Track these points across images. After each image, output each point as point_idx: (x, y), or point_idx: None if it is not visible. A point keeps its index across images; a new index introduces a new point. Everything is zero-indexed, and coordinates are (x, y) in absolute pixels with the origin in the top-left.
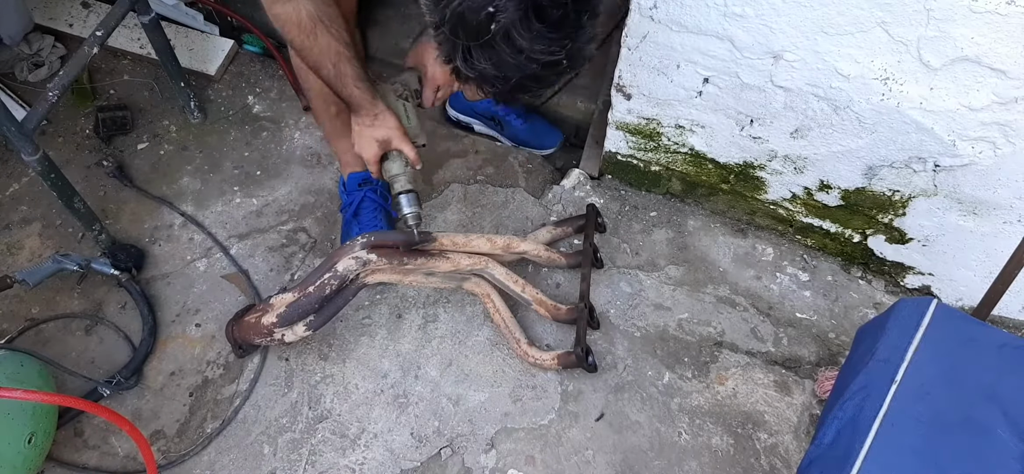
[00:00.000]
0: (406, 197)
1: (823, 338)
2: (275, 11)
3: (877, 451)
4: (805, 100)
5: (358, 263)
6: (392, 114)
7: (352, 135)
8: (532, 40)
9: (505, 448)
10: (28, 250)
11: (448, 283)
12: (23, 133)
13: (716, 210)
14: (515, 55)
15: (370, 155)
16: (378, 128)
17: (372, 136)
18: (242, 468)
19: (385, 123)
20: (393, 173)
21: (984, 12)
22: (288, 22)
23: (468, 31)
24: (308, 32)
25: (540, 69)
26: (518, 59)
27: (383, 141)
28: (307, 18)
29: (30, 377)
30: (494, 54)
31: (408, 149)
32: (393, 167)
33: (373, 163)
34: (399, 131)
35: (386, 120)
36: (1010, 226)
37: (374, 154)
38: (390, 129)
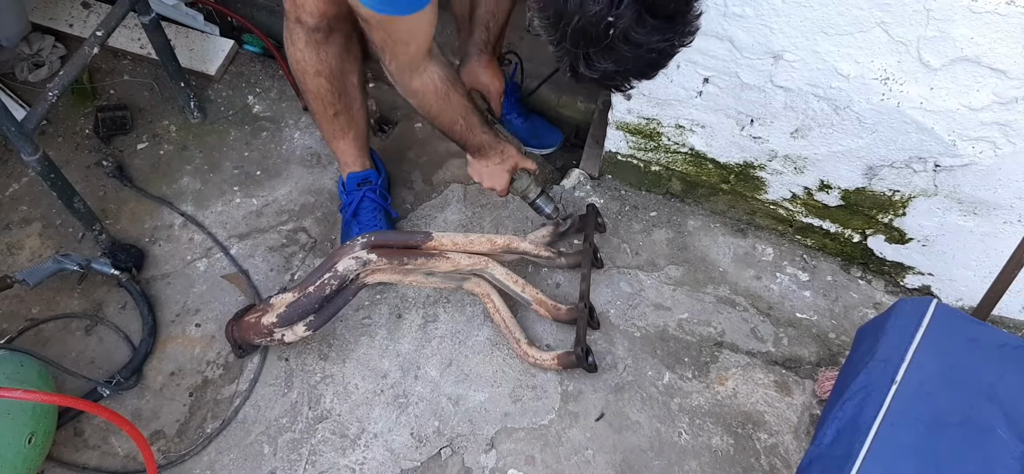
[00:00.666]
0: (542, 199)
1: (823, 338)
2: (413, 87)
3: (877, 451)
4: (805, 100)
5: (358, 263)
6: (508, 142)
7: (476, 173)
8: (648, 34)
9: (505, 448)
10: (28, 250)
11: (448, 283)
12: (23, 133)
13: (716, 210)
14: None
15: (503, 185)
16: (506, 161)
17: (503, 169)
18: (242, 468)
19: (509, 154)
20: (524, 186)
21: (984, 12)
22: (427, 93)
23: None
24: (443, 96)
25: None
26: (637, 53)
27: (512, 169)
28: (442, 82)
29: (30, 377)
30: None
31: (530, 164)
32: (522, 184)
33: (504, 188)
34: (520, 154)
35: (508, 151)
36: (1010, 226)
37: (506, 183)
38: (514, 156)
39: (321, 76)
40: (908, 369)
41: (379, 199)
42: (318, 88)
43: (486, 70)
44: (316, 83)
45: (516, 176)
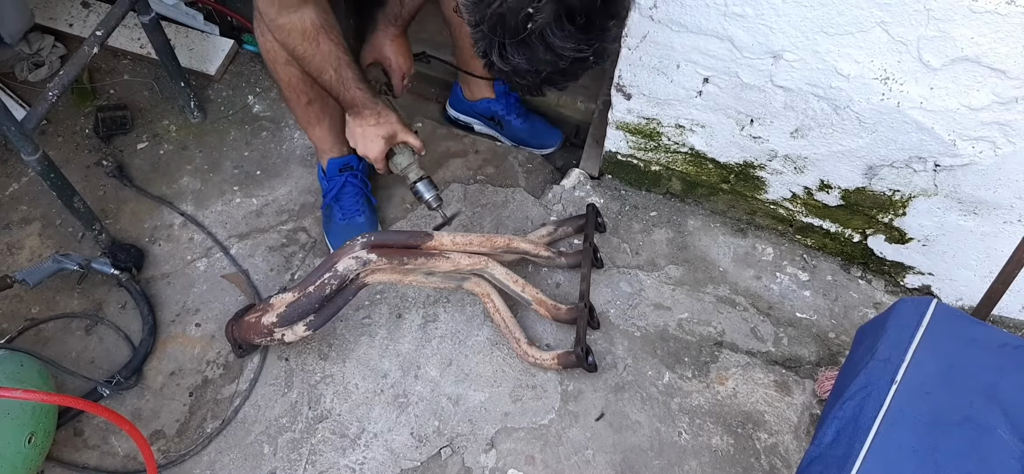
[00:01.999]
0: (423, 184)
1: (823, 338)
2: (280, 21)
3: (877, 451)
4: (805, 100)
5: (358, 263)
6: (392, 110)
7: (351, 136)
8: (564, 39)
9: (505, 448)
10: (28, 250)
11: (448, 283)
12: (23, 133)
13: (716, 210)
14: (547, 52)
15: (376, 152)
16: (382, 126)
17: (377, 134)
18: (242, 468)
19: (388, 119)
20: (404, 165)
21: (984, 12)
22: (293, 31)
23: (507, 30)
24: (312, 39)
25: (569, 65)
26: (550, 56)
27: (389, 136)
28: (311, 26)
29: (30, 377)
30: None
31: (412, 139)
32: (402, 160)
33: (380, 159)
34: (401, 124)
35: (388, 116)
36: (1010, 226)
37: (380, 150)
38: (393, 124)
39: (291, 64)
40: (908, 369)
41: (360, 184)
42: (289, 77)
43: (391, 43)
44: (287, 72)
45: (397, 150)
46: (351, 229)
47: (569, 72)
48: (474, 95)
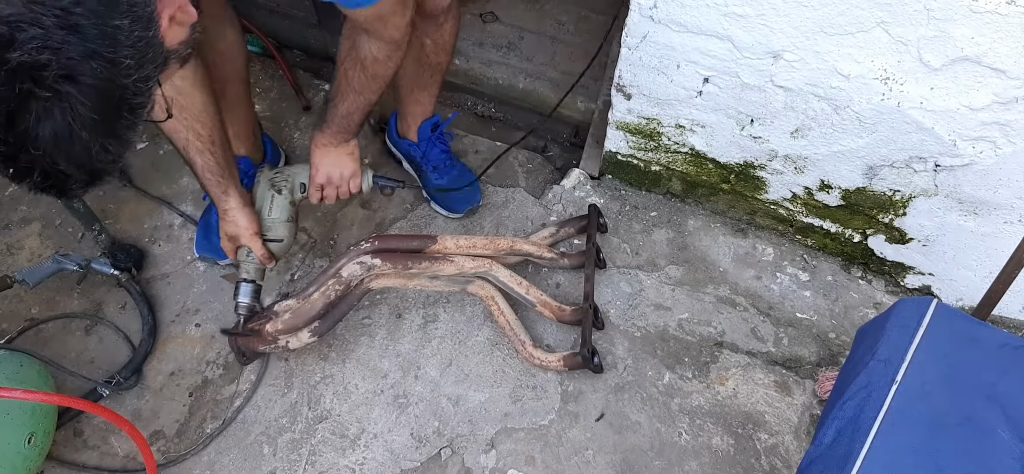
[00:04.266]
0: (243, 285)
1: (823, 338)
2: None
3: (877, 451)
4: (805, 100)
5: (363, 268)
6: (244, 212)
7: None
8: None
9: (505, 448)
10: (28, 250)
11: (452, 286)
12: None
13: (716, 210)
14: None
15: (224, 246)
16: (227, 225)
17: (224, 231)
18: (242, 468)
19: (235, 221)
20: (240, 259)
21: (984, 12)
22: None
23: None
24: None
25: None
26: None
27: (232, 237)
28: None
29: (30, 377)
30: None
31: (256, 247)
32: (242, 254)
33: (230, 254)
34: (248, 230)
35: (236, 218)
36: (1010, 226)
37: (227, 248)
38: (240, 228)
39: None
40: (908, 369)
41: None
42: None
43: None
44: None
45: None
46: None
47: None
48: (402, 131)
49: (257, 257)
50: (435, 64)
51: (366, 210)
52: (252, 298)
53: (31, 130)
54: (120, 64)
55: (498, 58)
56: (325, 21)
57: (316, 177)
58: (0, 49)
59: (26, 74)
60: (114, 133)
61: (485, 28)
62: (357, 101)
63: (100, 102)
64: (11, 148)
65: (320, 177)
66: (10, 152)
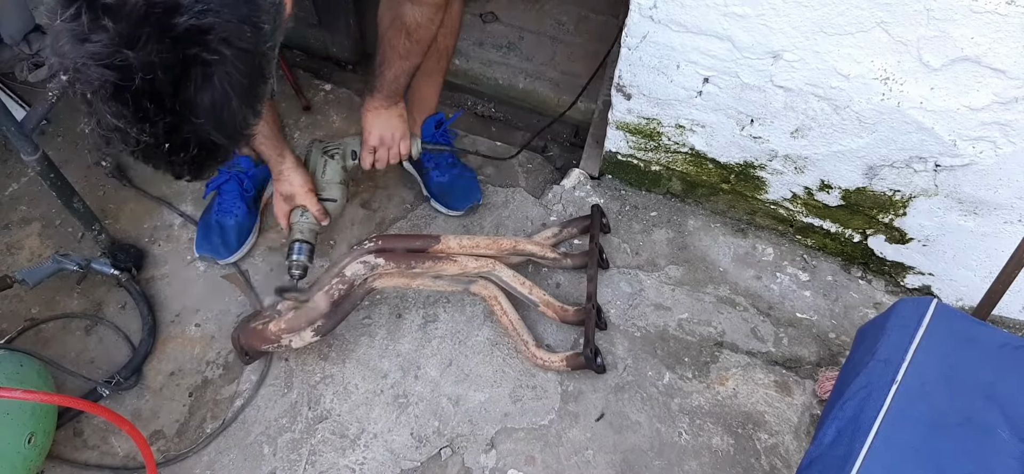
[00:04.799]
0: (297, 245)
1: (823, 338)
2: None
3: (877, 451)
4: (805, 100)
5: (366, 267)
6: (299, 171)
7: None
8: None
9: (505, 448)
10: (28, 250)
11: (455, 286)
12: (23, 133)
13: (716, 210)
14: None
15: (278, 209)
16: (283, 184)
17: (279, 191)
18: (242, 468)
19: (290, 180)
20: (293, 221)
21: (984, 12)
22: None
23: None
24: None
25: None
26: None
27: (288, 196)
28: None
29: (30, 377)
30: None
31: (311, 204)
32: (295, 215)
33: (281, 217)
34: (303, 187)
35: (291, 177)
36: (1010, 226)
37: (281, 209)
38: (295, 186)
39: None
40: (908, 369)
41: (242, 188)
42: None
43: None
44: None
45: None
46: (216, 230)
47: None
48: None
49: (313, 214)
50: (442, 48)
51: (366, 210)
52: (308, 257)
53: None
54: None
55: (498, 58)
56: (325, 21)
57: (369, 139)
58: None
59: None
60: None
61: (485, 28)
62: (403, 65)
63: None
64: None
65: (373, 139)
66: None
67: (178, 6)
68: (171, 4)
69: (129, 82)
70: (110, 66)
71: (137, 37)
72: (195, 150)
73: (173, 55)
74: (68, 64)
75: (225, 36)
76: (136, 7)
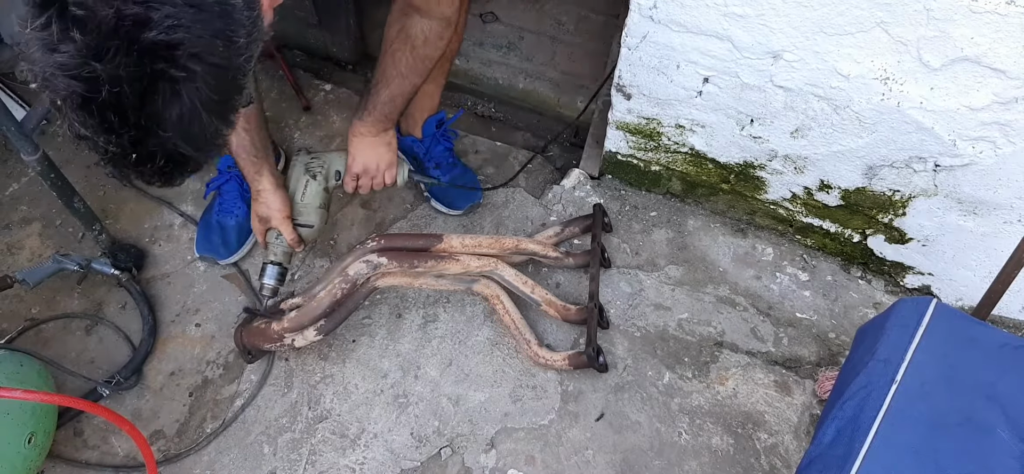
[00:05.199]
0: (269, 267)
1: (823, 338)
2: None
3: (877, 451)
4: (805, 100)
5: (369, 267)
6: (278, 194)
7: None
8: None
9: (505, 448)
10: (28, 250)
11: (458, 285)
12: (23, 133)
13: (716, 210)
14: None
15: (254, 227)
16: (260, 206)
17: (255, 211)
18: (242, 468)
19: (268, 203)
20: (269, 241)
21: (984, 12)
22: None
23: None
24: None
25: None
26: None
27: (263, 218)
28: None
29: (30, 377)
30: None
31: (285, 230)
32: (270, 236)
33: (259, 236)
34: (280, 213)
35: (269, 200)
36: (1010, 226)
37: (257, 228)
38: (272, 209)
39: None
40: (908, 369)
41: (242, 188)
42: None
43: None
44: None
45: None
46: (217, 230)
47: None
48: (406, 127)
49: (287, 241)
50: (449, 52)
51: (366, 210)
52: (277, 280)
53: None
54: (236, 44)
55: (498, 58)
56: (325, 21)
57: (353, 166)
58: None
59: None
60: (227, 114)
61: (485, 28)
62: (402, 86)
63: (220, 82)
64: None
65: (357, 166)
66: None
67: (148, 21)
68: (141, 18)
69: (95, 94)
70: (77, 77)
71: (105, 50)
72: (162, 161)
73: (140, 69)
74: (37, 72)
75: (195, 52)
76: (105, 20)
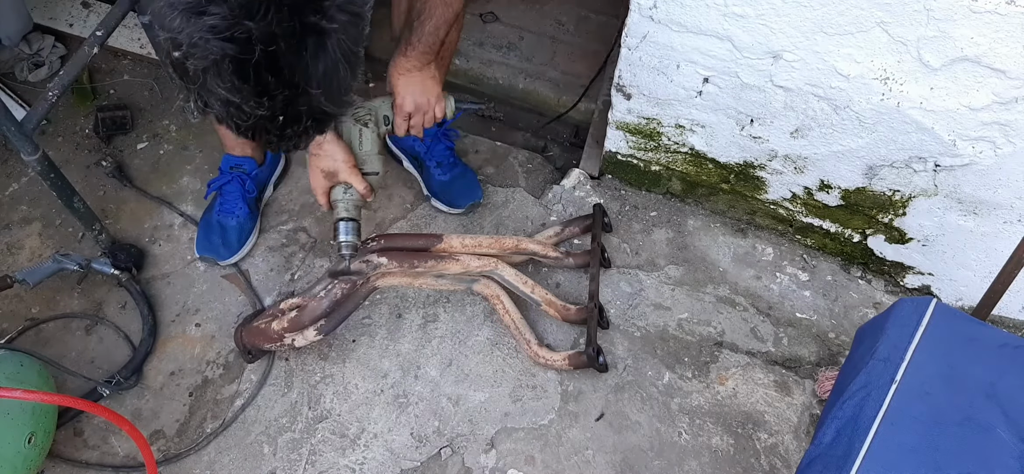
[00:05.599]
0: (343, 224)
1: (823, 338)
2: None
3: (877, 451)
4: (805, 100)
5: (368, 266)
6: (340, 144)
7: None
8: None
9: (505, 448)
10: (28, 250)
11: (458, 285)
12: (23, 133)
13: (716, 210)
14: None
15: (316, 186)
16: (324, 159)
17: (318, 166)
18: (241, 468)
19: (332, 155)
20: (335, 199)
21: (984, 12)
22: None
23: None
24: None
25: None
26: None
27: (329, 173)
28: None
29: (30, 377)
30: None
31: (356, 181)
32: (337, 192)
33: (320, 195)
34: (347, 163)
35: (333, 151)
36: (1010, 226)
37: (320, 186)
38: (337, 161)
39: None
40: (908, 369)
41: (244, 189)
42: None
43: (399, 77)
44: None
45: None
46: (218, 230)
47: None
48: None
49: (360, 191)
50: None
51: (366, 210)
52: (355, 235)
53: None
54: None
55: (498, 58)
56: None
57: (404, 105)
58: None
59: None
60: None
61: (485, 28)
62: (444, 15)
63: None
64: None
65: (408, 105)
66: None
67: None
68: None
69: (249, 54)
70: (230, 38)
71: (257, 7)
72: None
73: (291, 24)
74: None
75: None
76: None
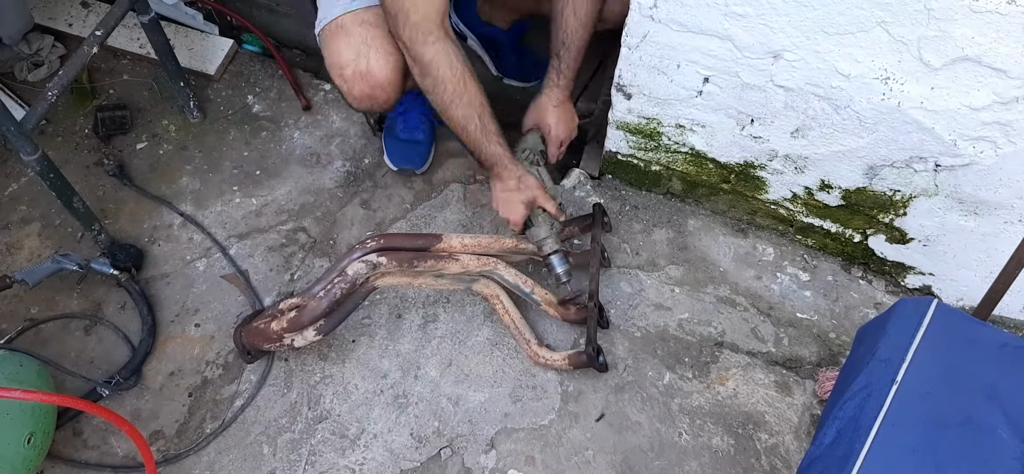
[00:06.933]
0: (557, 258)
1: (824, 338)
2: (427, 56)
3: (878, 451)
4: (805, 100)
5: (368, 266)
6: (532, 176)
7: (494, 197)
8: None
9: (505, 448)
10: (27, 250)
11: (457, 285)
12: (22, 133)
13: (716, 210)
14: None
15: (518, 217)
16: (524, 191)
17: (519, 199)
18: (241, 468)
19: (528, 184)
20: (541, 237)
21: (985, 12)
22: (441, 66)
23: None
24: (459, 79)
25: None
26: None
27: (529, 202)
28: (458, 62)
29: (29, 377)
30: None
31: (551, 206)
32: (539, 232)
33: (519, 224)
34: (542, 190)
35: (528, 181)
36: (1011, 226)
37: (521, 216)
38: (534, 190)
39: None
40: (908, 369)
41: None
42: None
43: (554, 109)
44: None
45: (534, 218)
46: (409, 147)
47: None
48: (488, 18)
49: (552, 211)
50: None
51: (366, 210)
52: (569, 263)
53: None
54: None
55: None
56: None
57: (560, 135)
58: None
59: None
60: None
61: None
62: (585, 36)
63: None
64: None
65: (564, 133)
66: None
67: None
68: None
69: None
70: None
71: None
72: None
73: None
74: None
75: None
76: None
